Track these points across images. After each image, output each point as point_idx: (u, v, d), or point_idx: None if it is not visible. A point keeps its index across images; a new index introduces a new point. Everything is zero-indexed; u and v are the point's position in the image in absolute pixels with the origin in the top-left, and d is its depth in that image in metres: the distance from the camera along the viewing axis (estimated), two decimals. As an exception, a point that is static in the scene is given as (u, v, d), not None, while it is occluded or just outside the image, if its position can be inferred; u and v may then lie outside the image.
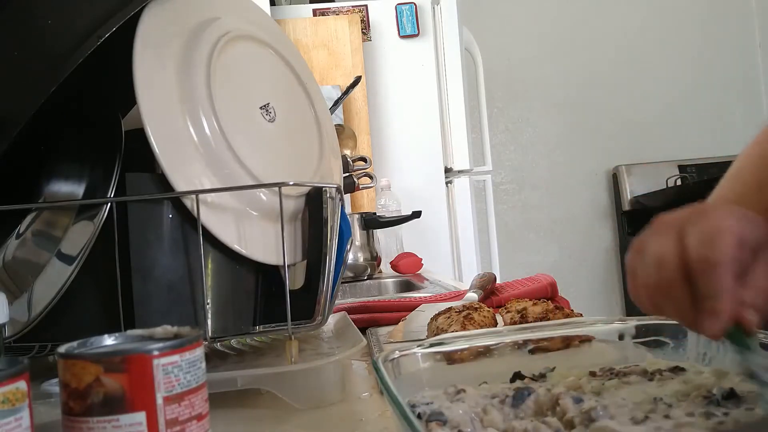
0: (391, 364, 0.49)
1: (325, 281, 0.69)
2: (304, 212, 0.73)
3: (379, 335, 0.90)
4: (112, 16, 0.60)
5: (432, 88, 2.51)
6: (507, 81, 3.74)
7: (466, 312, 0.78)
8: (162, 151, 0.61)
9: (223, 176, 0.64)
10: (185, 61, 0.65)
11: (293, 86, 0.79)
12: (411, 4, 2.50)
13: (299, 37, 2.39)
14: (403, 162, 2.48)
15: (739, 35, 3.94)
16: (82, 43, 0.59)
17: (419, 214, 1.81)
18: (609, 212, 3.83)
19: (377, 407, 0.59)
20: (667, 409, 0.42)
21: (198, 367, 0.40)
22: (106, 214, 0.61)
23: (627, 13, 3.87)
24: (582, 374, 0.50)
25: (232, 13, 0.74)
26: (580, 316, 0.79)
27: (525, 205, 3.81)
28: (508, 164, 3.82)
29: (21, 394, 0.36)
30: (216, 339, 0.65)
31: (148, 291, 0.61)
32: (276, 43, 0.78)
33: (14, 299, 0.60)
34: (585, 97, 3.84)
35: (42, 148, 0.68)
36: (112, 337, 0.43)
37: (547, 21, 3.84)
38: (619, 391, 0.46)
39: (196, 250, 0.62)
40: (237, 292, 0.68)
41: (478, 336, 0.56)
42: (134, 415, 0.37)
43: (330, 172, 0.79)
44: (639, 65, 3.86)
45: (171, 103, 0.63)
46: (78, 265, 0.60)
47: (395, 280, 1.79)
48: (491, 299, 1.04)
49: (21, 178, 0.67)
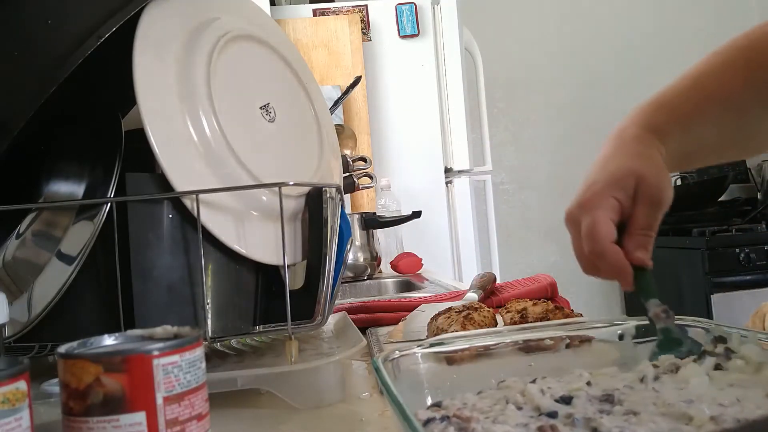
0: (391, 364, 0.49)
1: (325, 281, 0.69)
2: (304, 212, 0.72)
3: (379, 335, 0.90)
4: (112, 16, 0.60)
5: (432, 88, 2.51)
6: (507, 81, 3.74)
7: (466, 312, 0.78)
8: (162, 151, 0.61)
9: (223, 176, 0.64)
10: (185, 61, 0.65)
11: (293, 86, 0.79)
12: (411, 4, 2.50)
13: (299, 37, 2.39)
14: (403, 162, 2.48)
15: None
16: (82, 43, 0.59)
17: (419, 214, 1.81)
18: (609, 212, 3.82)
19: (377, 407, 0.59)
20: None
21: (198, 367, 0.40)
22: (106, 214, 0.61)
23: (627, 13, 3.87)
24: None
25: (232, 13, 0.74)
26: (580, 316, 0.79)
27: (525, 205, 3.81)
28: (508, 164, 3.82)
29: (21, 394, 0.36)
30: (216, 339, 0.65)
31: (148, 291, 0.61)
32: (276, 43, 0.78)
33: (14, 299, 0.60)
34: (585, 97, 3.84)
35: (42, 148, 0.68)
36: (112, 337, 0.43)
37: (547, 21, 3.84)
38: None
39: (196, 250, 0.62)
40: (237, 292, 0.68)
41: (478, 336, 0.56)
42: (134, 415, 0.37)
43: (330, 172, 0.79)
44: (639, 65, 3.86)
45: (171, 103, 0.63)
46: (78, 265, 0.60)
47: (395, 280, 1.79)
48: (491, 299, 1.04)
49: (21, 178, 0.67)
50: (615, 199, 0.59)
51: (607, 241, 0.58)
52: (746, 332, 0.49)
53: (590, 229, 0.59)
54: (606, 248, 0.58)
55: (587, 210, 0.60)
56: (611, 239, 0.58)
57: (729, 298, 2.93)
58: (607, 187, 0.60)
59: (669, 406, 0.42)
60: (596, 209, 0.59)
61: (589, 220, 0.59)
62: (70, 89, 0.61)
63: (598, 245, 0.58)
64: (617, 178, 0.60)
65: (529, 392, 0.47)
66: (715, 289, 2.92)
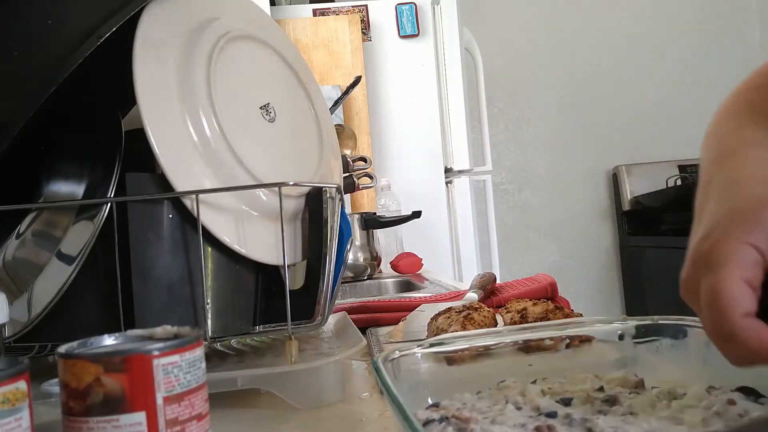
0: (391, 364, 0.49)
1: (325, 281, 0.69)
2: (304, 212, 0.73)
3: (379, 335, 0.90)
4: (112, 16, 0.60)
5: (432, 88, 2.51)
6: (507, 81, 3.74)
7: (466, 312, 0.78)
8: (162, 151, 0.61)
9: (223, 176, 0.64)
10: (185, 61, 0.65)
11: (293, 86, 0.79)
12: (411, 4, 2.50)
13: (299, 37, 2.39)
14: (403, 162, 2.48)
15: (739, 35, 3.94)
16: (82, 43, 0.58)
17: (419, 214, 1.81)
18: (609, 212, 3.83)
19: (377, 407, 0.59)
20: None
21: (198, 367, 0.40)
22: (106, 214, 0.61)
23: (627, 13, 3.87)
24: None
25: (232, 13, 0.74)
26: (580, 316, 0.79)
27: (525, 205, 3.81)
28: (508, 164, 3.82)
29: (21, 394, 0.36)
30: (216, 339, 0.65)
31: (148, 291, 0.61)
32: (276, 43, 0.78)
33: (14, 299, 0.60)
34: (585, 97, 3.84)
35: (42, 148, 0.68)
36: (112, 337, 0.43)
37: (547, 21, 3.84)
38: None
39: (196, 250, 0.62)
40: (237, 292, 0.68)
41: (478, 336, 0.56)
42: (134, 415, 0.37)
43: (330, 172, 0.79)
44: (639, 65, 3.86)
45: (171, 103, 0.63)
46: (78, 265, 0.60)
47: (395, 280, 1.79)
48: (491, 299, 1.04)
49: (21, 178, 0.67)
50: (752, 246, 0.39)
51: (736, 314, 0.38)
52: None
53: (710, 297, 0.39)
54: (736, 326, 0.38)
55: (708, 269, 0.40)
56: (744, 310, 0.38)
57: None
58: (735, 230, 0.40)
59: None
60: (721, 267, 0.40)
61: (708, 286, 0.40)
62: (70, 89, 0.61)
63: (724, 323, 0.38)
64: (751, 214, 0.40)
65: (530, 393, 0.47)
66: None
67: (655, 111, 3.83)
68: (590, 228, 3.78)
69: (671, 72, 3.87)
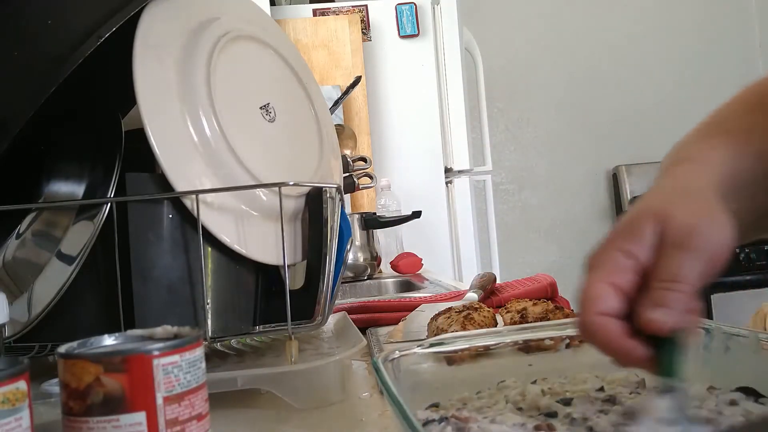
0: (391, 364, 0.49)
1: (325, 281, 0.69)
2: (304, 212, 0.73)
3: (379, 335, 0.90)
4: (112, 16, 0.60)
5: (432, 88, 2.51)
6: (507, 81, 3.74)
7: (466, 312, 0.78)
8: (162, 151, 0.61)
9: (223, 176, 0.64)
10: (185, 61, 0.65)
11: (293, 86, 0.79)
12: (411, 4, 2.50)
13: (299, 37, 2.39)
14: (403, 162, 2.48)
15: (739, 35, 3.94)
16: (82, 43, 0.59)
17: (419, 214, 1.81)
18: (609, 212, 3.83)
19: (377, 407, 0.59)
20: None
21: (198, 367, 0.40)
22: (106, 214, 0.61)
23: (627, 13, 3.87)
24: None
25: (232, 13, 0.74)
26: (580, 316, 0.79)
27: (525, 205, 3.81)
28: (508, 164, 3.82)
29: (21, 394, 0.36)
30: (216, 339, 0.65)
31: (148, 291, 0.61)
32: (276, 43, 0.78)
33: (14, 299, 0.60)
34: (585, 97, 3.84)
35: (42, 148, 0.68)
36: (112, 337, 0.43)
37: (547, 21, 3.84)
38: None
39: (196, 250, 0.62)
40: (237, 292, 0.68)
41: (478, 336, 0.56)
42: (134, 415, 0.37)
43: (330, 172, 0.79)
44: (639, 65, 3.86)
45: (171, 103, 0.63)
46: (78, 265, 0.60)
47: (395, 280, 1.79)
48: (491, 299, 1.04)
49: (21, 178, 0.67)
50: (623, 253, 0.44)
51: (592, 311, 0.42)
52: (746, 332, 0.49)
53: (578, 296, 0.44)
54: (587, 322, 0.42)
55: (586, 271, 0.45)
56: (599, 309, 0.42)
57: (729, 298, 2.94)
58: (616, 238, 0.45)
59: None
60: (592, 270, 0.45)
61: (579, 286, 0.45)
62: (69, 89, 0.61)
63: (581, 319, 0.43)
64: (627, 223, 0.45)
65: (530, 393, 0.47)
66: (715, 289, 2.93)
67: (655, 111, 3.83)
68: (590, 228, 3.78)
69: (671, 72, 3.87)
